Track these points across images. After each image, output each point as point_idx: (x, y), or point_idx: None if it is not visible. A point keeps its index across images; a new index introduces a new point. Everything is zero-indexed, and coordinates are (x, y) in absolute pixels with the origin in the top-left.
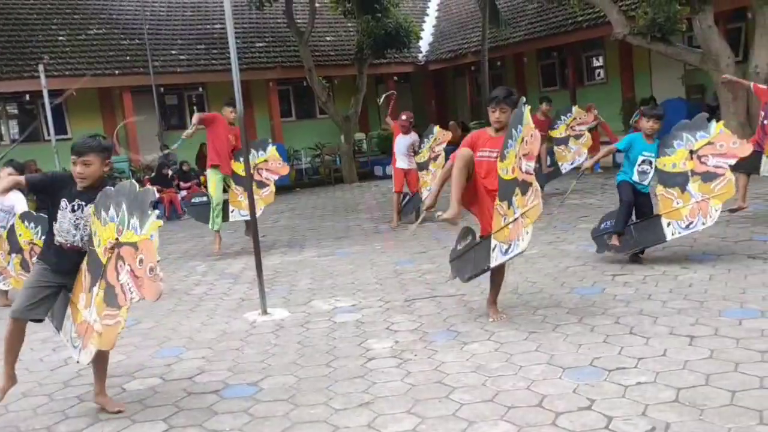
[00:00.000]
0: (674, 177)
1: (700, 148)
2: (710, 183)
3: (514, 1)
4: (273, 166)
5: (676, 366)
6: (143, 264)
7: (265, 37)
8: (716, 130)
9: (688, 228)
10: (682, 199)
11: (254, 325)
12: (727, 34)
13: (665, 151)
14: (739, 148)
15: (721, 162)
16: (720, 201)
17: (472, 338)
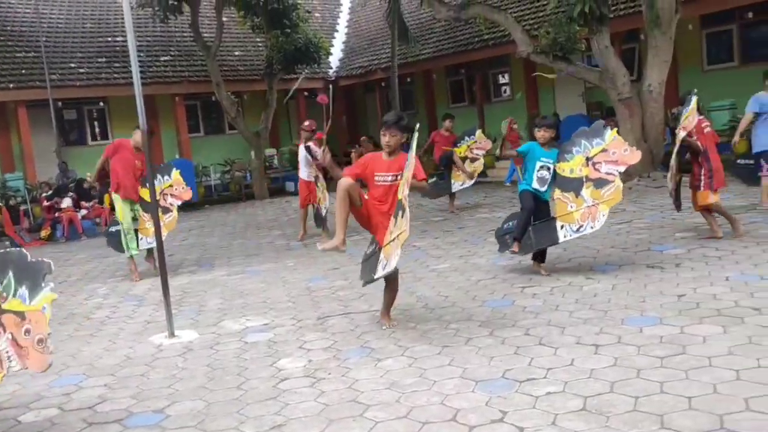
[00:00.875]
0: (570, 182)
1: (595, 155)
2: (601, 189)
3: (422, 18)
4: (177, 191)
5: (582, 375)
6: (30, 334)
7: (170, 51)
8: (610, 137)
9: (578, 231)
10: (575, 204)
11: (160, 349)
12: (622, 54)
13: (564, 157)
14: (630, 156)
15: (612, 169)
16: (608, 206)
17: (386, 354)
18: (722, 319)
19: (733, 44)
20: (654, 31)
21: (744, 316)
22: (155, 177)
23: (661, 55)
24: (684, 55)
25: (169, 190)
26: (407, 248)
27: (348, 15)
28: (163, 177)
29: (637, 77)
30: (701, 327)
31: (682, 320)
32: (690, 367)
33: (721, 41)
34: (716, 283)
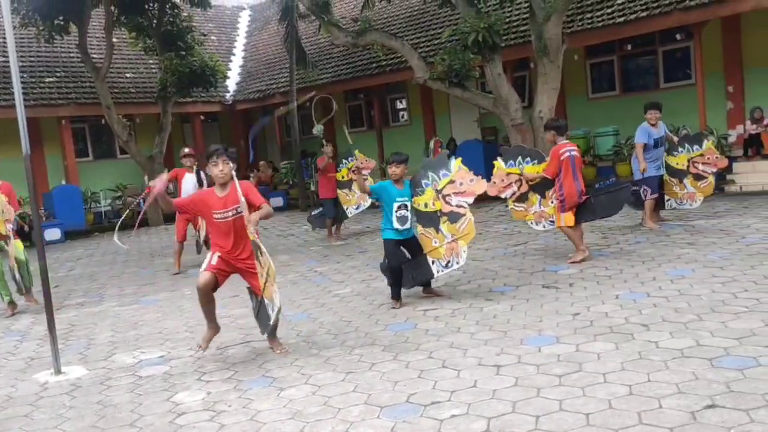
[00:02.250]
0: (429, 217)
1: (444, 187)
2: (456, 223)
3: (320, 43)
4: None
5: (485, 396)
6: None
7: (56, 72)
8: (456, 167)
9: (447, 267)
10: (438, 239)
11: (46, 387)
12: (514, 81)
13: (417, 191)
14: (476, 185)
15: (461, 201)
16: (466, 242)
17: (289, 383)
18: (614, 335)
19: (614, 74)
20: (543, 59)
21: (634, 332)
22: None
23: (550, 83)
24: (571, 83)
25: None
26: (309, 274)
27: (245, 39)
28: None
29: (528, 103)
30: (595, 344)
31: (578, 338)
32: (586, 384)
33: (604, 71)
34: (607, 301)
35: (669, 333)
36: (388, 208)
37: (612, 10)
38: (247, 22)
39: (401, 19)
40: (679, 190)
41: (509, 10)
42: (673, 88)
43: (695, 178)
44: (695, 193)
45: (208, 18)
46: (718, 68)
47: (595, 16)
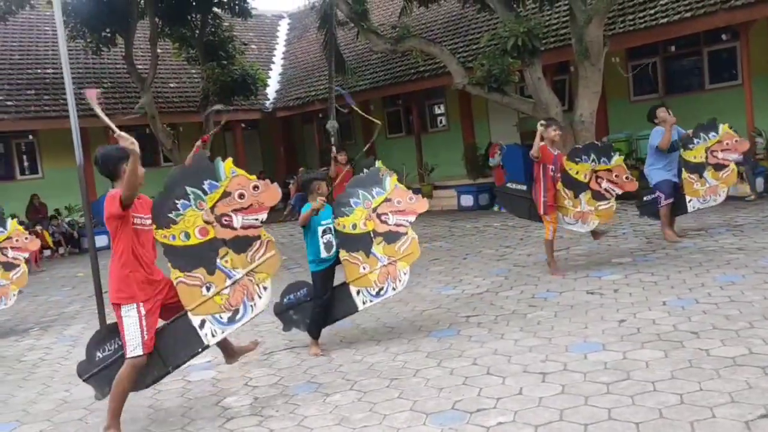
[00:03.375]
0: (357, 240)
1: (378, 205)
2: (395, 244)
3: (358, 50)
4: (19, 241)
5: (532, 403)
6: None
7: (103, 83)
8: (391, 186)
9: (379, 295)
10: (368, 264)
11: None
12: (554, 85)
13: (342, 212)
14: (417, 204)
15: (401, 220)
16: (407, 263)
17: (334, 389)
18: (662, 343)
19: (657, 76)
20: (584, 62)
21: (683, 340)
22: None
23: (591, 87)
24: (612, 86)
25: (8, 242)
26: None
27: (284, 47)
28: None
29: (568, 107)
30: (643, 352)
31: (624, 346)
32: (635, 392)
33: (646, 73)
34: (654, 307)
35: (720, 341)
36: (313, 234)
37: (655, 11)
38: (286, 30)
39: (439, 24)
40: (700, 187)
41: (549, 13)
42: (719, 89)
43: (716, 168)
44: (717, 185)
45: (248, 27)
46: (765, 68)
47: (637, 18)
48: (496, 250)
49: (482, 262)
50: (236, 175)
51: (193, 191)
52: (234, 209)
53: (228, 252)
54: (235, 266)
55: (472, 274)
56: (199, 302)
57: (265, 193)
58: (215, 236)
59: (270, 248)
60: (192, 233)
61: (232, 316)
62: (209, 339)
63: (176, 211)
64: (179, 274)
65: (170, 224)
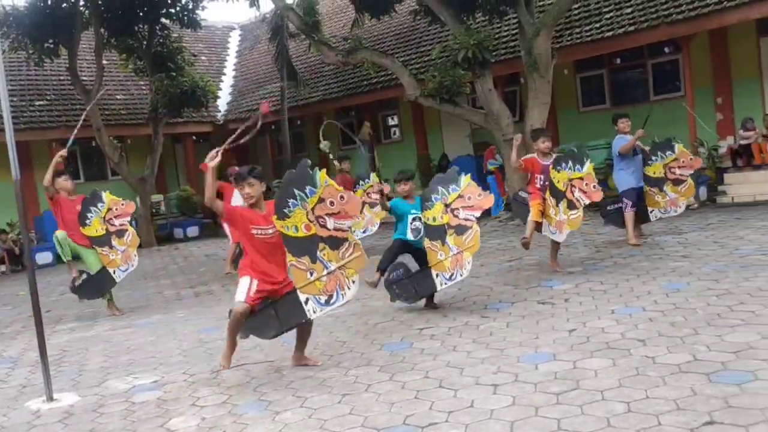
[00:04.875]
0: (435, 230)
1: (452, 201)
2: (462, 236)
3: (311, 62)
4: (118, 209)
5: (483, 416)
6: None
7: (46, 95)
8: (465, 183)
9: (451, 279)
10: (443, 252)
11: (38, 415)
12: (505, 96)
13: (426, 205)
14: (484, 200)
15: (469, 215)
16: (470, 253)
17: (284, 406)
18: (611, 351)
19: (604, 87)
20: (533, 74)
21: (630, 348)
22: (88, 210)
23: (541, 98)
24: (561, 97)
25: (109, 213)
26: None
27: (236, 58)
28: (98, 206)
29: (519, 118)
30: (592, 361)
31: (575, 355)
32: (584, 401)
33: (594, 85)
34: (603, 316)
35: (666, 348)
36: (404, 221)
37: (600, 25)
38: (237, 41)
39: (391, 36)
40: (661, 199)
41: (498, 25)
42: (663, 100)
43: (674, 183)
44: (677, 198)
45: (198, 38)
46: (707, 80)
47: (584, 31)
48: None
49: None
50: (328, 184)
51: (299, 193)
52: (327, 213)
53: (325, 247)
54: (330, 260)
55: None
56: (305, 283)
57: (349, 203)
58: (316, 233)
59: (357, 249)
60: (300, 227)
61: (328, 300)
62: (311, 314)
63: (288, 208)
64: (292, 258)
65: (285, 217)
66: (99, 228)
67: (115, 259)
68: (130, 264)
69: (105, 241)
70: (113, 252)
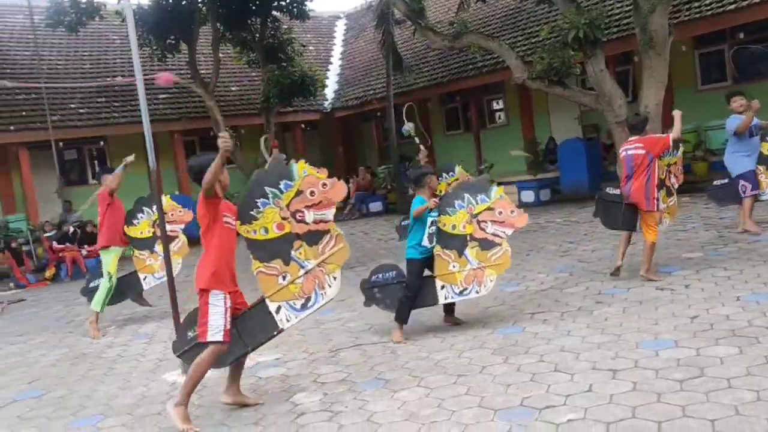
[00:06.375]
0: (453, 239)
1: (480, 213)
2: (488, 251)
3: (416, 48)
4: (174, 216)
5: (602, 401)
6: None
7: (168, 89)
8: (496, 195)
9: (462, 294)
10: (458, 263)
11: (175, 387)
12: (617, 76)
13: (446, 210)
14: (517, 219)
15: (498, 230)
16: (496, 272)
17: (401, 385)
18: (737, 339)
19: (725, 64)
20: (648, 51)
21: (758, 336)
22: (141, 211)
23: (657, 77)
24: (678, 75)
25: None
26: None
27: (342, 47)
28: (152, 209)
29: (632, 98)
30: (717, 348)
31: (698, 342)
32: (710, 389)
33: (714, 61)
34: (728, 303)
35: None
36: (422, 223)
37: None
38: (343, 30)
39: (497, 19)
40: (765, 178)
41: (610, 3)
42: None
43: None
44: None
45: (306, 29)
46: None
47: (703, 5)
48: (559, 246)
49: (545, 258)
50: (307, 174)
51: (271, 191)
52: (306, 205)
53: (302, 245)
54: (308, 257)
55: (535, 271)
56: (276, 290)
57: (332, 189)
58: (291, 231)
59: (339, 241)
60: (270, 228)
61: (305, 303)
62: (284, 323)
63: (257, 209)
64: (259, 265)
65: (252, 220)
66: (146, 230)
67: (152, 264)
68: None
69: (148, 245)
70: (153, 257)
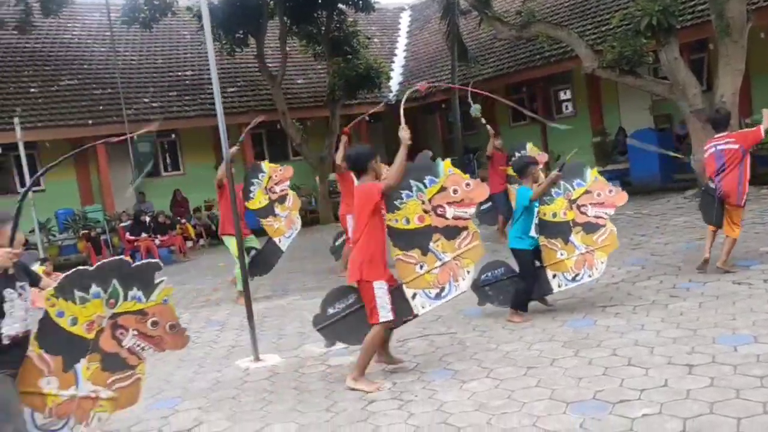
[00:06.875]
0: (556, 227)
1: (578, 197)
2: (593, 234)
3: (482, 38)
4: (277, 175)
5: (679, 396)
6: (158, 324)
7: (237, 82)
8: (591, 178)
9: (575, 280)
10: (565, 251)
11: (247, 372)
12: (691, 64)
13: (544, 200)
14: (617, 197)
15: (600, 212)
16: (605, 253)
17: (470, 376)
18: None
19: None
20: (725, 39)
21: None
22: (252, 183)
23: (734, 64)
24: (756, 63)
25: (270, 182)
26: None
27: (406, 39)
28: (259, 177)
29: (707, 87)
30: None
31: None
32: None
33: None
34: None
35: None
36: (530, 213)
37: None
38: (407, 22)
39: (566, 7)
40: None
41: None
42: None
43: None
44: None
45: (371, 21)
46: None
47: None
48: (630, 238)
49: (616, 251)
50: (452, 173)
51: (416, 184)
52: (448, 202)
53: (440, 238)
54: (445, 250)
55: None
56: (413, 277)
57: (475, 190)
58: (430, 224)
59: (475, 238)
60: (411, 219)
61: (439, 293)
62: (419, 309)
63: (401, 200)
64: (398, 252)
65: (395, 210)
66: (262, 199)
67: (279, 227)
68: (294, 228)
69: (269, 211)
70: (277, 220)
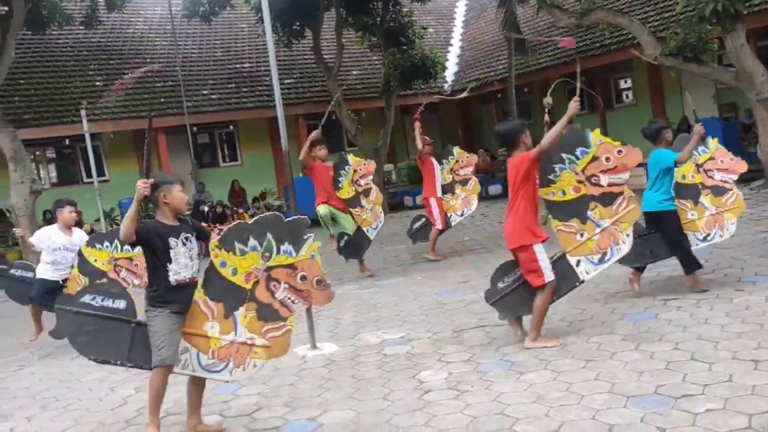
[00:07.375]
0: (686, 188)
1: (704, 162)
2: (722, 197)
3: (539, 27)
4: (362, 169)
5: (744, 391)
6: (306, 279)
7: (293, 74)
8: (714, 146)
9: (706, 240)
10: (696, 211)
11: (305, 360)
12: (758, 51)
13: (549, 178)
14: (738, 165)
15: (725, 177)
16: (734, 215)
17: (528, 368)
18: None
19: None
20: None
21: None
22: (339, 174)
23: None
24: None
25: (356, 175)
26: None
27: (462, 29)
28: (346, 168)
29: None
30: None
31: None
32: None
33: None
34: None
35: None
36: (671, 175)
37: None
38: (463, 11)
39: None
40: None
41: None
42: None
43: None
44: None
45: (426, 11)
46: None
47: None
48: None
49: None
50: (603, 143)
51: (568, 156)
52: (602, 170)
53: (597, 206)
54: (603, 217)
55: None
56: (575, 246)
57: (628, 155)
58: (586, 193)
59: (631, 202)
60: (567, 191)
61: (602, 258)
62: (584, 275)
63: (554, 174)
64: (558, 224)
65: (550, 184)
66: (350, 190)
67: (366, 218)
68: (379, 221)
69: (356, 202)
70: (364, 211)
